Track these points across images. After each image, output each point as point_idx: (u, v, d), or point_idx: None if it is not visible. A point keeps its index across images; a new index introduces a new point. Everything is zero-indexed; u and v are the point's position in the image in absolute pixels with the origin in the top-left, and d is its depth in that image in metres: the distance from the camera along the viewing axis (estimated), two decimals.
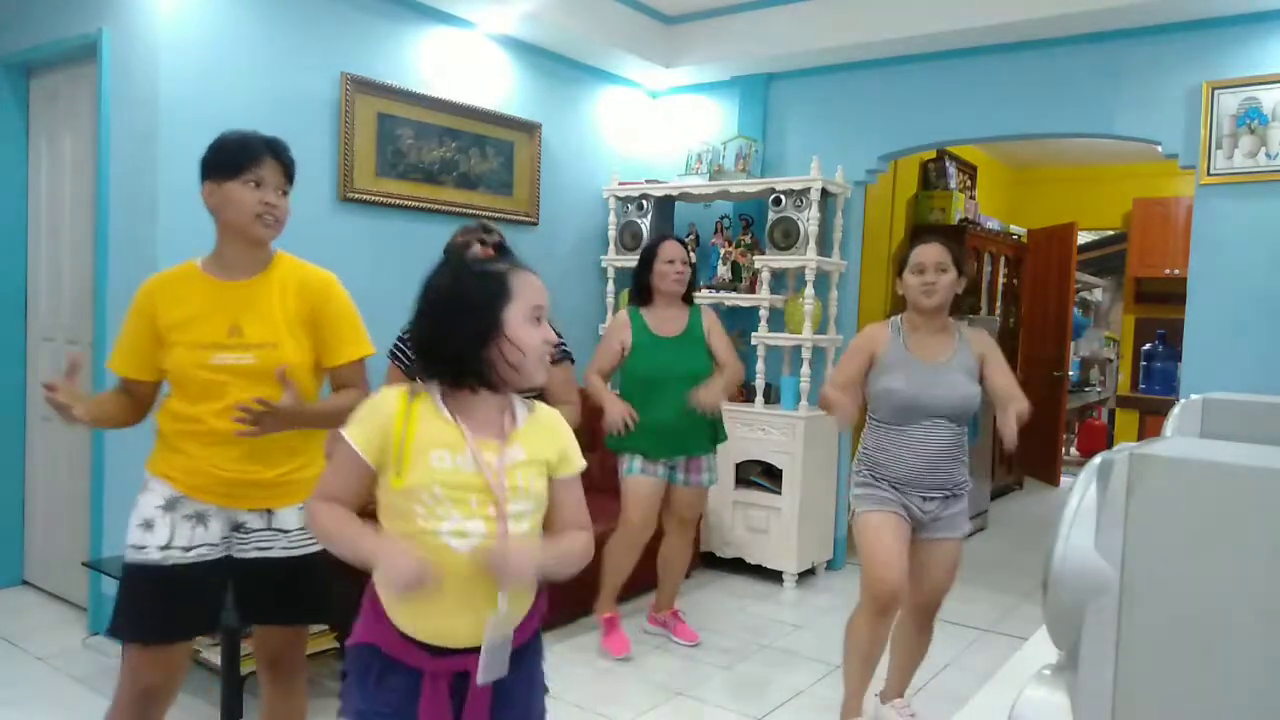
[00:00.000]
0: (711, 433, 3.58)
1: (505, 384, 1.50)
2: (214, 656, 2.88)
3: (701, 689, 3.30)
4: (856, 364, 2.76)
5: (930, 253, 2.66)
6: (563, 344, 2.84)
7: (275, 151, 2.03)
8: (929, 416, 2.61)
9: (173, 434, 2.02)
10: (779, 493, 4.49)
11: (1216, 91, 3.74)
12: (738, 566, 4.65)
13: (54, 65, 3.77)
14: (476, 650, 1.43)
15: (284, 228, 2.07)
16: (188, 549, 1.99)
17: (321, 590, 2.14)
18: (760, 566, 4.56)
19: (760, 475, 4.60)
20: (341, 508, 1.47)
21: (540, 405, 1.61)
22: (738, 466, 4.60)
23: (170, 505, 1.99)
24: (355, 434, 1.47)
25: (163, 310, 2.00)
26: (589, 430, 3.57)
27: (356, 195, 3.87)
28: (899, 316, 2.78)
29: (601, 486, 3.72)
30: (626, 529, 3.51)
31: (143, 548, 1.97)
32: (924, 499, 2.65)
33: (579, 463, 1.60)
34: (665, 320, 3.51)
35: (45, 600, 3.86)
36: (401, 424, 1.45)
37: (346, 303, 2.13)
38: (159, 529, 1.98)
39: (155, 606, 1.98)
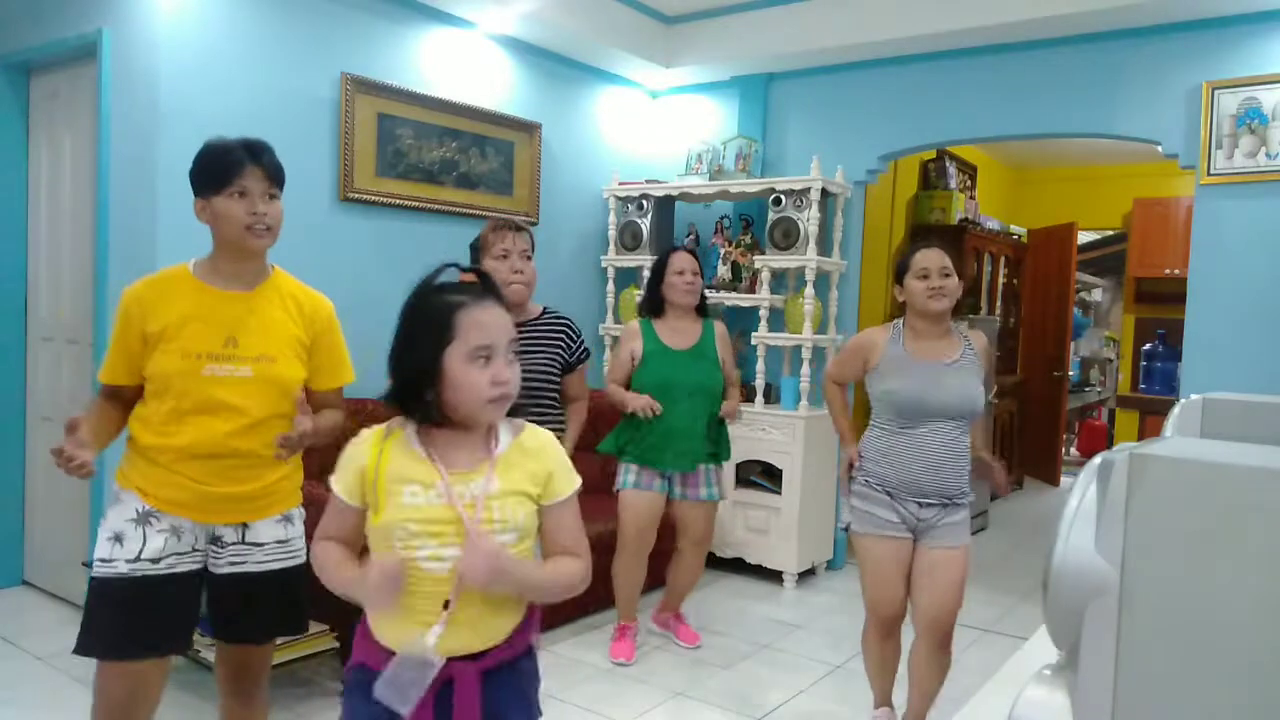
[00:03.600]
0: (712, 447, 3.52)
1: (451, 423, 1.46)
2: (212, 657, 2.88)
3: (701, 689, 3.30)
4: (851, 366, 2.81)
5: (933, 257, 2.62)
6: (581, 342, 3.08)
7: (256, 156, 1.95)
8: (933, 417, 2.57)
9: (150, 446, 1.95)
10: (779, 493, 4.49)
11: (1216, 91, 3.74)
12: (738, 566, 4.65)
13: (54, 65, 3.77)
14: (463, 658, 1.43)
15: (278, 233, 2.02)
16: (157, 560, 1.93)
17: (295, 601, 2.11)
18: (760, 566, 4.57)
19: (760, 475, 4.60)
20: (336, 546, 1.52)
21: (529, 428, 1.55)
22: (738, 466, 4.59)
23: (143, 519, 1.93)
24: (338, 483, 1.51)
25: (151, 315, 1.93)
26: (594, 433, 3.59)
27: (356, 195, 3.87)
28: (899, 321, 2.74)
29: (603, 487, 3.73)
30: (623, 544, 3.53)
31: (110, 561, 1.91)
32: (919, 505, 2.60)
33: (569, 487, 1.53)
34: (676, 332, 3.51)
35: (45, 600, 3.86)
36: (374, 464, 1.46)
37: (340, 331, 2.18)
38: (129, 542, 1.92)
39: (122, 621, 1.92)
